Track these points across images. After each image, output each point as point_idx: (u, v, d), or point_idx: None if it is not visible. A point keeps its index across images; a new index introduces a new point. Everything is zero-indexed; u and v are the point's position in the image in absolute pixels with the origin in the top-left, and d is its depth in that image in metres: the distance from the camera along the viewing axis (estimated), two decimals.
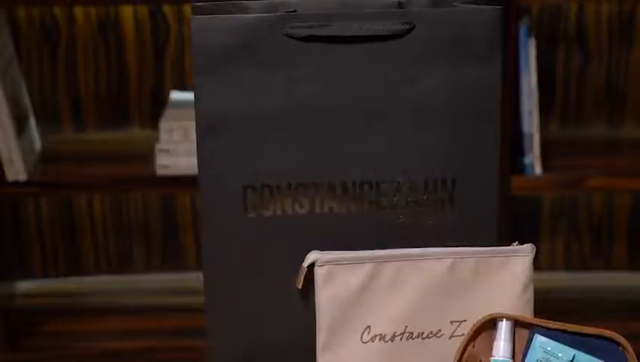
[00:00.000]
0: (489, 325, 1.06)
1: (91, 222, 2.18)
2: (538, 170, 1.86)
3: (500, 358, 1.04)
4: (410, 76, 1.05)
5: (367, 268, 1.07)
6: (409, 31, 1.05)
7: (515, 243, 1.09)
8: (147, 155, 1.99)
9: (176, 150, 1.93)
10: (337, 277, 1.07)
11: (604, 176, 1.86)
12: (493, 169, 1.09)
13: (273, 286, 1.09)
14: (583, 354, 1.02)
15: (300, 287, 1.07)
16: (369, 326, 1.08)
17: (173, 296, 2.21)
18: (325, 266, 1.07)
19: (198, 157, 1.08)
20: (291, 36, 1.04)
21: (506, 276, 1.08)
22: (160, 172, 1.93)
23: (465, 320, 1.08)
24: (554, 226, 2.11)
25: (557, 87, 2.04)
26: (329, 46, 1.05)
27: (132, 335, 2.09)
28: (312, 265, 1.07)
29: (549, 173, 1.87)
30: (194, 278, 2.23)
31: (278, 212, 1.08)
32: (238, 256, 1.08)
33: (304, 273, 1.07)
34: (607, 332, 1.02)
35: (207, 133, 1.07)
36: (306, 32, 1.04)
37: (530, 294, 1.09)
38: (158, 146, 1.93)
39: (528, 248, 1.09)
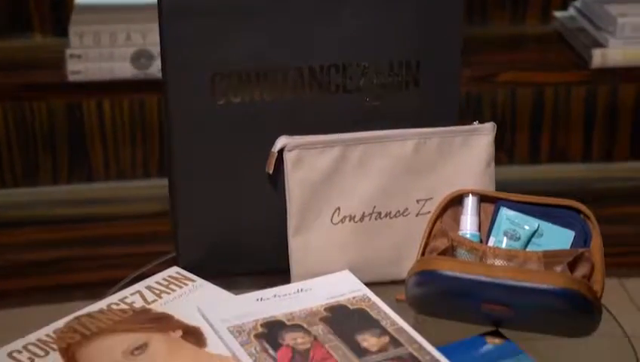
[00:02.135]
0: (455, 201, 1.10)
1: None
2: None
3: (468, 232, 1.08)
4: None
5: (336, 151, 1.09)
6: None
7: (476, 123, 1.13)
8: (53, 63, 1.93)
9: (88, 55, 1.88)
10: (307, 161, 1.08)
11: (515, 71, 1.91)
12: (455, 50, 1.12)
13: (243, 172, 1.10)
14: (547, 223, 1.07)
15: (270, 172, 1.08)
16: (339, 208, 1.10)
17: (82, 207, 2.18)
18: (295, 151, 1.08)
19: (162, 43, 1.06)
20: None
21: (469, 154, 1.12)
22: (72, 78, 1.88)
23: (430, 198, 1.11)
24: (461, 122, 2.16)
25: None
26: None
27: (44, 246, 2.04)
28: (281, 150, 1.08)
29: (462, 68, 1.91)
30: (102, 188, 2.20)
31: (247, 98, 1.08)
32: (207, 143, 1.08)
33: (274, 158, 1.08)
34: (570, 202, 1.07)
35: (171, 18, 1.05)
36: None
37: (491, 171, 1.13)
38: (69, 52, 1.87)
39: (489, 126, 1.12)
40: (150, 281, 1.09)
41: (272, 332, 0.99)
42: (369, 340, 0.98)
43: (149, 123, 2.14)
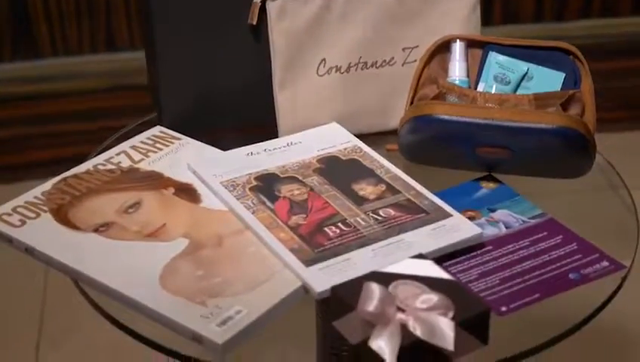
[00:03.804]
0: (442, 48, 1.08)
1: None
2: None
3: (457, 78, 1.07)
4: None
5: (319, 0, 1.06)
6: None
7: None
8: None
9: None
10: (290, 11, 1.05)
11: None
12: None
13: (225, 25, 1.06)
14: (536, 65, 1.06)
15: (253, 24, 1.05)
16: (324, 59, 1.07)
17: (30, 85, 2.12)
18: (278, 0, 1.04)
19: None
20: None
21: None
22: None
23: (416, 46, 1.09)
24: None
25: None
26: None
27: None
28: (264, 0, 1.04)
29: None
30: (49, 65, 2.13)
31: None
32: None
33: (257, 8, 1.04)
34: (559, 43, 1.06)
35: None
36: None
37: (477, 15, 1.11)
38: None
39: None
40: (134, 141, 1.06)
41: (267, 184, 0.98)
42: (366, 189, 0.97)
43: None
